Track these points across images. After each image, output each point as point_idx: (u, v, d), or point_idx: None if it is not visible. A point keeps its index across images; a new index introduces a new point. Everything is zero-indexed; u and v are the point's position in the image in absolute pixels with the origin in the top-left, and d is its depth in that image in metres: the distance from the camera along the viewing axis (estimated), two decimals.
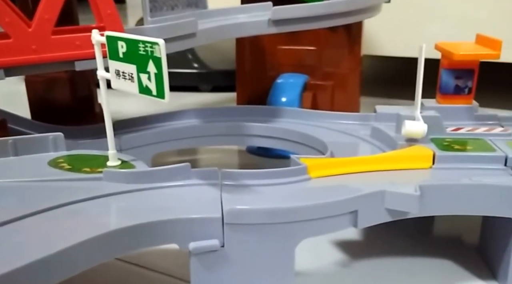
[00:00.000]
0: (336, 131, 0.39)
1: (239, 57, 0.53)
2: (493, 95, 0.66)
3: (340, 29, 0.49)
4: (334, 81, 0.51)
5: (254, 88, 0.53)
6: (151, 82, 0.23)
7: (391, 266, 0.31)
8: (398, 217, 0.26)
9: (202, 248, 0.22)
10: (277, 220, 0.23)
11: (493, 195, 0.26)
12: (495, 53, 0.35)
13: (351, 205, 0.25)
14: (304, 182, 0.27)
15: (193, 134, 0.41)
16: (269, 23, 0.39)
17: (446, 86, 0.38)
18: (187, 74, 0.76)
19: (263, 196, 0.25)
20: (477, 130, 0.34)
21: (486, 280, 0.29)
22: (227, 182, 0.26)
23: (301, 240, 0.24)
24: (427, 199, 0.26)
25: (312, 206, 0.24)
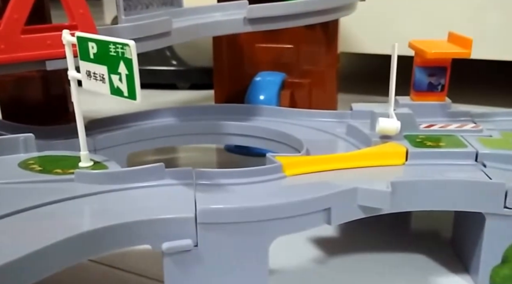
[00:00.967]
0: (313, 128, 0.40)
1: (217, 55, 0.53)
2: (466, 91, 0.67)
3: (317, 27, 0.50)
4: (311, 79, 0.52)
5: (232, 86, 0.53)
6: (122, 83, 0.22)
7: (366, 262, 0.31)
8: (371, 214, 0.27)
9: (175, 248, 0.22)
10: (250, 219, 0.23)
11: (463, 190, 0.27)
12: (466, 51, 0.36)
13: (324, 202, 0.25)
14: (279, 180, 0.27)
15: (169, 133, 0.41)
16: (245, 21, 0.39)
17: (420, 84, 0.38)
18: (164, 71, 0.75)
19: (237, 195, 0.25)
20: (449, 127, 0.35)
21: (459, 274, 0.30)
22: (201, 182, 0.26)
23: (275, 238, 0.24)
24: (399, 195, 0.26)
25: (286, 204, 0.24)
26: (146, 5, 0.39)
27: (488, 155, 0.30)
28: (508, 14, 0.56)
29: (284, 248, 0.32)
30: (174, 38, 0.36)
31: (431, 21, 0.60)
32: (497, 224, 0.27)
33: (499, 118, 0.38)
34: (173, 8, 0.40)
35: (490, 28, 0.58)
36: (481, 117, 0.38)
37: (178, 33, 0.36)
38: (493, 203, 0.27)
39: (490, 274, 0.28)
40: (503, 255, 0.28)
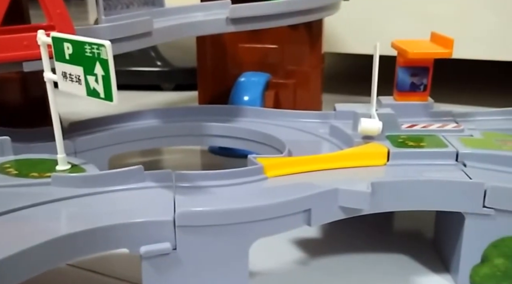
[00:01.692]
0: (296, 129, 0.40)
1: (200, 55, 0.53)
2: (450, 90, 0.68)
3: (301, 27, 0.50)
4: (296, 79, 0.51)
5: (216, 87, 0.53)
6: (98, 84, 0.22)
7: (347, 262, 0.31)
8: (351, 215, 0.27)
9: (153, 252, 0.22)
10: (229, 221, 0.23)
11: (442, 190, 0.27)
12: (448, 51, 0.36)
13: (304, 204, 0.25)
14: (260, 182, 0.27)
15: (152, 135, 0.40)
16: (227, 21, 0.39)
17: (402, 84, 0.38)
18: (148, 72, 0.74)
19: (218, 197, 0.25)
20: (431, 127, 0.35)
21: (440, 273, 0.30)
22: (181, 184, 0.26)
23: (255, 240, 0.24)
24: (379, 195, 0.26)
25: (265, 206, 0.23)
26: (126, 5, 0.38)
27: (469, 155, 0.31)
28: (493, 13, 0.57)
29: (266, 250, 0.32)
30: (155, 38, 0.36)
31: (417, 21, 0.61)
32: (476, 223, 0.27)
33: (481, 118, 0.39)
34: (154, 8, 0.40)
35: (475, 27, 0.58)
36: (463, 116, 0.39)
37: (159, 33, 0.36)
38: (472, 202, 0.27)
39: (470, 273, 0.28)
40: (483, 254, 0.28)
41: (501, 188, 0.27)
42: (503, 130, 0.36)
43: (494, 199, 0.27)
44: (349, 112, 0.37)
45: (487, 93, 0.69)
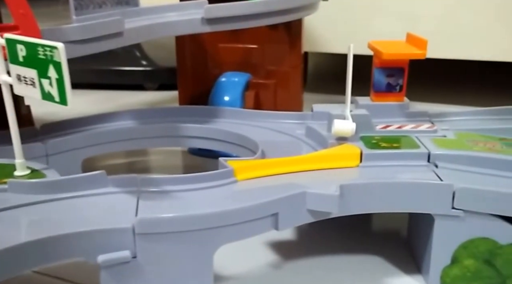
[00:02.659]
0: (273, 130, 0.39)
1: (180, 55, 0.52)
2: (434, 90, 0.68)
3: (280, 27, 0.49)
4: (276, 79, 0.51)
5: (196, 87, 0.52)
6: (53, 87, 0.21)
7: (321, 264, 0.31)
8: (320, 218, 0.26)
9: (112, 261, 0.21)
10: (192, 228, 0.22)
11: (411, 192, 0.27)
12: (421, 52, 0.36)
13: (271, 208, 0.24)
14: (229, 185, 0.27)
15: (128, 136, 0.40)
16: (203, 21, 0.38)
17: (378, 84, 0.38)
18: (132, 72, 0.74)
19: (183, 202, 0.24)
20: (405, 128, 0.35)
21: (411, 275, 0.30)
22: (146, 189, 0.25)
23: (219, 246, 0.24)
24: (348, 198, 0.26)
25: (230, 211, 0.23)
26: (99, 5, 0.38)
27: (440, 156, 0.31)
28: (475, 13, 0.57)
29: (239, 252, 0.32)
30: (127, 38, 0.35)
31: (400, 21, 0.60)
32: (445, 224, 0.27)
33: (456, 118, 0.39)
34: (128, 8, 0.39)
35: (457, 27, 0.58)
36: (438, 117, 0.39)
37: (131, 34, 0.35)
38: (441, 204, 0.27)
39: (441, 274, 0.28)
40: (453, 255, 0.28)
41: (470, 190, 0.27)
42: (476, 130, 0.36)
43: (462, 201, 0.27)
44: (326, 113, 0.37)
45: (470, 93, 0.69)
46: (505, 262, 0.28)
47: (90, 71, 0.74)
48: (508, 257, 0.28)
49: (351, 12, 0.64)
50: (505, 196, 0.26)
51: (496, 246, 0.27)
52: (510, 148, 0.32)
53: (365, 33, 0.61)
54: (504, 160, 0.30)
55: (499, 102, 0.44)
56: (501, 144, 0.33)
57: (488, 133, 0.35)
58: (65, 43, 0.31)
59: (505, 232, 0.27)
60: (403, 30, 0.44)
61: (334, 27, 0.65)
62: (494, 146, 0.32)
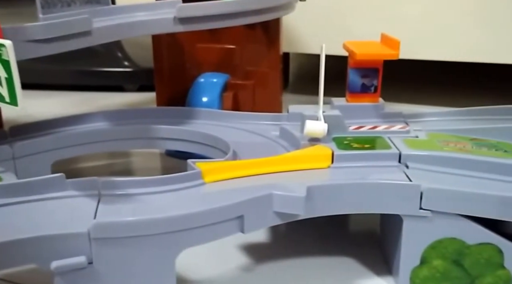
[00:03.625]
0: (248, 131, 0.39)
1: (157, 56, 0.51)
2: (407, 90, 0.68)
3: (258, 27, 0.49)
4: (254, 80, 0.51)
5: (174, 88, 0.52)
6: (3, 87, 0.21)
7: (292, 267, 0.31)
8: (288, 220, 0.26)
9: (66, 267, 0.21)
10: (151, 232, 0.22)
11: (379, 192, 0.27)
12: (394, 53, 0.36)
13: (236, 210, 0.24)
14: (196, 188, 0.26)
15: (99, 138, 0.39)
16: (175, 21, 0.38)
17: (353, 85, 0.38)
18: (111, 73, 0.73)
19: (145, 205, 0.24)
20: (377, 128, 0.35)
21: (382, 276, 0.30)
22: (108, 192, 0.24)
23: (181, 250, 0.23)
24: (315, 200, 0.26)
25: (191, 214, 0.23)
26: (67, 3, 0.37)
27: (411, 156, 0.31)
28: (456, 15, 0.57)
29: (210, 255, 0.31)
30: (95, 38, 0.34)
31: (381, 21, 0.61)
32: (414, 225, 0.27)
33: (430, 119, 0.39)
34: (99, 7, 0.39)
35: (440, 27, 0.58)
36: (412, 117, 0.39)
37: (100, 33, 0.35)
38: (409, 204, 0.27)
39: (410, 275, 0.28)
40: (422, 256, 0.28)
41: (437, 190, 0.27)
42: (448, 131, 0.36)
43: (430, 201, 0.27)
44: (301, 114, 0.37)
45: (448, 93, 0.70)
46: (473, 262, 0.28)
47: (68, 72, 0.73)
48: (476, 257, 0.28)
49: (332, 13, 0.64)
50: (472, 196, 0.26)
51: (464, 246, 0.27)
52: (480, 149, 0.32)
53: (346, 34, 0.62)
54: (473, 160, 0.30)
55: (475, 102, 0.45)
56: (471, 144, 0.33)
57: (460, 133, 0.35)
58: (29, 42, 0.31)
59: (473, 232, 0.27)
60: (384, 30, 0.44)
61: (316, 28, 0.65)
62: (464, 146, 0.32)
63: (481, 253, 0.27)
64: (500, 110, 0.37)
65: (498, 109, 0.38)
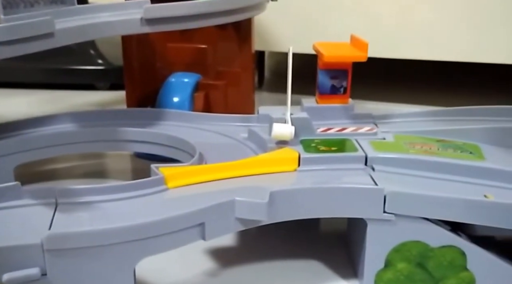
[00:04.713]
0: (217, 133, 0.39)
1: (126, 55, 0.50)
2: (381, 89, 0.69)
3: (229, 27, 0.49)
4: (226, 80, 0.50)
5: (144, 88, 0.51)
6: None
7: (259, 272, 0.31)
8: (251, 226, 0.26)
9: (18, 279, 0.20)
10: (107, 242, 0.21)
11: (343, 196, 0.27)
12: (362, 55, 0.36)
13: (196, 218, 0.24)
14: (158, 194, 0.26)
15: (63, 141, 0.38)
16: (142, 22, 0.37)
17: (323, 86, 0.38)
18: (82, 71, 0.71)
19: (103, 214, 0.23)
20: (345, 130, 0.35)
21: (348, 279, 0.30)
22: (65, 201, 0.24)
23: (139, 260, 0.23)
24: (278, 205, 0.26)
25: (149, 223, 0.22)
26: (31, 3, 0.36)
27: (377, 159, 0.31)
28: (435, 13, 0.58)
29: (175, 261, 0.31)
30: (59, 39, 0.33)
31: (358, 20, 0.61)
32: (378, 229, 0.27)
33: (399, 120, 0.39)
34: (63, 7, 0.37)
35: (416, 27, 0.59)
36: (382, 118, 0.39)
37: (64, 34, 0.34)
38: (373, 208, 0.27)
39: (375, 278, 0.28)
40: (386, 259, 0.28)
41: (400, 194, 0.27)
42: (416, 132, 0.36)
43: (393, 205, 0.27)
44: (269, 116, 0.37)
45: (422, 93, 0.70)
46: (436, 265, 0.28)
47: (39, 70, 0.71)
48: (440, 260, 0.28)
49: (308, 12, 0.63)
50: (434, 199, 0.27)
51: (428, 249, 0.28)
52: (445, 150, 0.32)
53: (323, 33, 0.62)
54: (438, 163, 0.30)
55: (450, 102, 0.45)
56: (437, 146, 0.33)
57: (428, 135, 0.36)
58: None
59: (436, 235, 0.28)
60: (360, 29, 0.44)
61: (292, 27, 0.65)
62: (430, 148, 0.33)
63: (444, 255, 0.28)
64: (467, 111, 0.38)
65: (465, 110, 0.38)
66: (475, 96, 0.65)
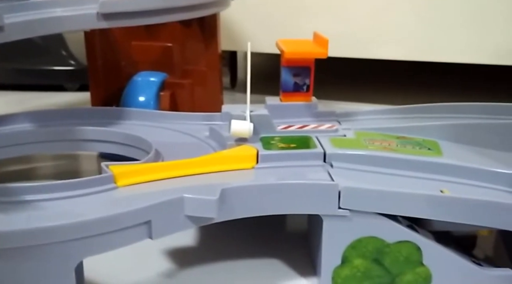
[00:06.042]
0: (179, 132, 0.38)
1: (90, 53, 0.49)
2: (347, 88, 0.69)
3: (194, 24, 0.48)
4: (193, 79, 0.50)
5: (109, 87, 0.50)
6: None
7: (217, 271, 0.30)
8: (202, 223, 0.25)
9: None
10: (44, 241, 0.20)
11: (297, 193, 0.27)
12: (323, 52, 0.36)
13: (142, 216, 0.23)
14: (106, 192, 0.25)
15: (21, 140, 0.37)
16: (98, 17, 0.36)
17: (286, 84, 0.38)
18: (50, 71, 0.69)
19: (41, 213, 0.22)
20: (306, 128, 0.35)
21: (307, 277, 0.30)
22: (3, 200, 0.23)
23: (81, 259, 0.22)
24: (230, 202, 0.25)
25: (89, 221, 0.21)
26: None
27: (335, 155, 0.31)
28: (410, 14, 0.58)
29: (130, 262, 0.30)
30: (8, 34, 0.32)
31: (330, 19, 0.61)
32: (334, 225, 0.27)
33: (361, 117, 0.39)
34: (15, 1, 0.36)
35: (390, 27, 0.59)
36: (345, 116, 0.39)
37: (13, 29, 0.32)
38: (328, 204, 0.27)
39: (332, 275, 0.28)
40: (343, 255, 0.28)
41: (354, 189, 0.26)
42: (378, 129, 0.36)
43: (348, 200, 0.26)
44: None
45: (389, 92, 0.71)
46: (393, 260, 0.28)
47: (7, 70, 0.69)
48: (396, 255, 0.28)
49: (279, 11, 0.63)
50: (388, 194, 0.27)
51: (384, 244, 0.28)
52: (404, 147, 0.32)
53: (294, 32, 0.61)
54: (395, 159, 0.30)
55: (414, 100, 0.45)
56: (397, 143, 0.33)
57: (388, 132, 0.36)
58: None
59: (392, 231, 0.27)
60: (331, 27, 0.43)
61: (265, 26, 0.64)
62: (390, 144, 0.33)
63: (400, 251, 0.28)
64: (427, 108, 0.38)
65: (425, 107, 0.38)
66: (436, 95, 0.66)
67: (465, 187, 0.29)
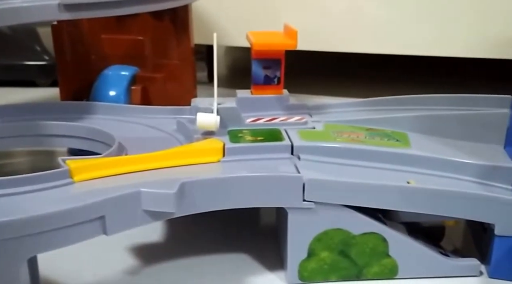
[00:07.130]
0: (146, 126, 0.37)
1: (58, 47, 0.48)
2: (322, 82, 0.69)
3: (165, 17, 0.47)
4: (165, 73, 0.49)
5: (78, 81, 0.49)
6: None
7: (183, 267, 0.30)
8: (161, 218, 0.24)
9: None
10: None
11: (260, 186, 0.26)
12: (292, 43, 0.35)
13: (95, 211, 0.22)
14: (60, 188, 0.24)
15: None
16: (60, 7, 0.35)
17: (256, 77, 0.37)
18: (21, 66, 0.67)
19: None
20: (274, 120, 0.34)
21: (275, 272, 0.29)
22: None
23: (30, 255, 0.21)
24: (190, 196, 0.25)
25: (41, 217, 0.21)
26: None
27: (302, 148, 0.30)
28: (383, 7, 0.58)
29: (95, 259, 0.29)
30: None
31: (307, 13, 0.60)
32: (298, 218, 0.27)
33: (332, 110, 0.39)
34: None
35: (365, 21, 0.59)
36: (316, 109, 0.38)
37: None
38: (292, 196, 0.26)
39: (298, 268, 0.28)
40: (309, 248, 0.27)
41: (318, 181, 0.26)
42: (347, 122, 0.36)
43: (312, 192, 0.26)
44: None
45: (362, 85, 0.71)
46: (359, 252, 0.28)
47: None
48: (362, 247, 0.28)
49: (257, 4, 0.63)
50: (353, 186, 0.26)
51: (350, 236, 0.27)
52: (372, 139, 0.32)
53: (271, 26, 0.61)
54: (362, 150, 0.30)
55: (383, 94, 0.45)
56: (365, 135, 0.33)
57: (358, 124, 0.35)
58: None
59: (357, 222, 0.27)
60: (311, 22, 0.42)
61: (241, 20, 0.63)
62: (358, 136, 0.32)
63: (366, 242, 0.27)
64: (396, 100, 0.38)
65: (395, 99, 0.38)
66: (406, 88, 0.66)
67: (431, 178, 0.29)
